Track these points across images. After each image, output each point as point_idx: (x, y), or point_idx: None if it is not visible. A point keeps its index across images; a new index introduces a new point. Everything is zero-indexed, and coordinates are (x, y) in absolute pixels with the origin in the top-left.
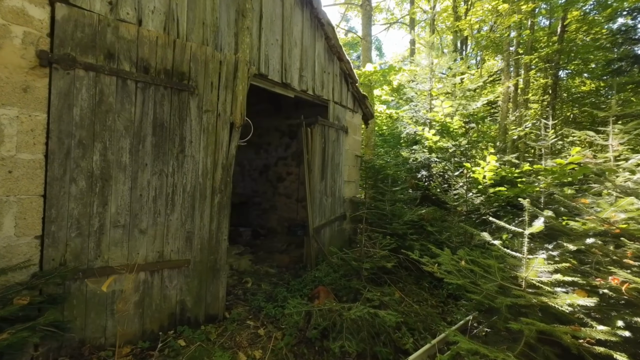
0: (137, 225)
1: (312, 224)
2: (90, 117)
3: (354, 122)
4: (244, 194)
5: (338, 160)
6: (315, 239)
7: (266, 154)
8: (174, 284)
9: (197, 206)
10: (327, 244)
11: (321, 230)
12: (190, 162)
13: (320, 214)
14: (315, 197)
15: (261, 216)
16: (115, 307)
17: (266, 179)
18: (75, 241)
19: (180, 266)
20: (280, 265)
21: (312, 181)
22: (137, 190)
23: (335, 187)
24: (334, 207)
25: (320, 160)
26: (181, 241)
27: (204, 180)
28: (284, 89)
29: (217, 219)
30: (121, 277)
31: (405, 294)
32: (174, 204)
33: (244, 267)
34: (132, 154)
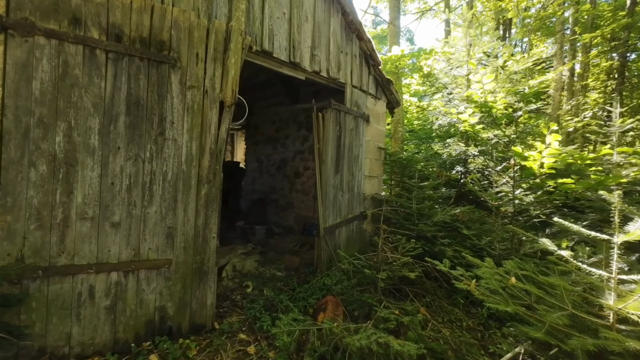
0: (109, 218)
1: (323, 223)
2: (53, 92)
3: (376, 109)
4: (262, 191)
5: (357, 151)
6: (326, 240)
7: (283, 148)
8: (152, 288)
9: (180, 198)
10: (344, 246)
11: (335, 230)
12: (172, 147)
13: (334, 211)
14: (328, 191)
15: (278, 214)
16: (82, 312)
17: (283, 175)
18: (35, 234)
19: (159, 267)
20: (290, 267)
21: (324, 174)
22: (108, 177)
23: (353, 182)
24: (352, 205)
25: (334, 150)
26: (161, 238)
27: (189, 168)
28: (292, 70)
29: (203, 214)
30: (89, 277)
31: (433, 312)
32: (152, 194)
33: (248, 268)
34: (102, 136)
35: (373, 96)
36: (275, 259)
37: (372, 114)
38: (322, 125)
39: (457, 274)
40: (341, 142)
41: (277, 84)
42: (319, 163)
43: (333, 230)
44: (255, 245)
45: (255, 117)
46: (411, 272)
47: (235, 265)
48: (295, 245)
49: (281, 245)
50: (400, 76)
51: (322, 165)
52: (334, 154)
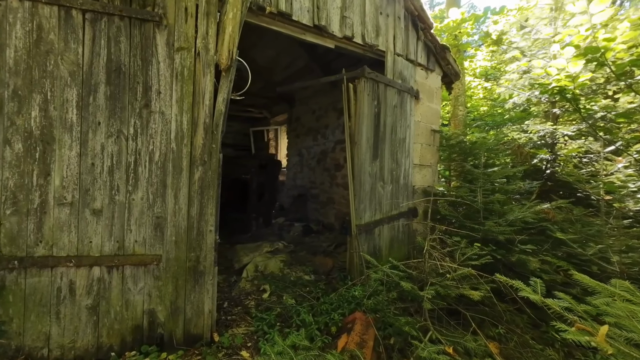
0: (89, 205)
1: (355, 219)
2: (27, 61)
3: (428, 84)
4: (302, 186)
5: (403, 134)
6: (359, 240)
7: (323, 138)
8: (139, 287)
9: (170, 182)
10: (386, 249)
11: (374, 229)
12: (159, 121)
13: (372, 206)
14: (363, 181)
15: (318, 210)
16: (62, 310)
17: (323, 168)
18: (11, 220)
19: (147, 263)
20: (320, 270)
21: (357, 158)
22: (87, 157)
23: (398, 171)
24: (397, 199)
25: (370, 130)
26: (148, 229)
27: (179, 147)
28: (318, 36)
29: (198, 202)
30: (69, 271)
31: (509, 352)
32: (137, 177)
33: (271, 269)
34: (81, 109)
35: (423, 67)
36: (306, 259)
37: (422, 89)
38: (353, 98)
39: (560, 306)
40: (380, 121)
41: (316, 69)
42: (350, 145)
43: (371, 229)
44: (287, 244)
45: (297, 109)
46: (474, 290)
47: (258, 265)
48: (330, 245)
49: (315, 244)
50: (460, 49)
51: (355, 148)
52: (370, 135)
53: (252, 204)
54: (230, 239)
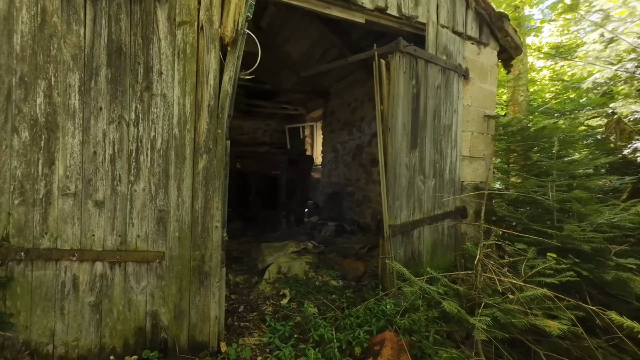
0: (91, 196)
1: (388, 218)
2: (32, 46)
3: (480, 60)
4: (337, 183)
5: (448, 120)
6: (391, 243)
7: (359, 132)
8: (141, 287)
9: (173, 172)
10: (426, 254)
11: (412, 230)
12: (161, 105)
13: (410, 203)
14: (399, 174)
15: (354, 209)
16: (66, 305)
17: (359, 164)
18: (19, 210)
19: (150, 260)
20: (350, 275)
21: (392, 148)
22: (89, 145)
23: (442, 163)
24: (441, 196)
25: (408, 113)
26: (151, 223)
27: (182, 133)
28: (345, 10)
29: (202, 194)
30: (72, 265)
31: None
32: (138, 167)
33: (295, 271)
34: (83, 95)
35: (474, 41)
36: (334, 262)
37: (472, 67)
38: (386, 77)
39: None
40: (420, 105)
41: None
42: (381, 131)
43: (408, 231)
44: (317, 244)
45: (332, 102)
46: (552, 319)
47: (281, 266)
48: (363, 247)
49: (346, 245)
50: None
51: (388, 135)
52: (407, 121)
53: (283, 201)
54: (260, 237)
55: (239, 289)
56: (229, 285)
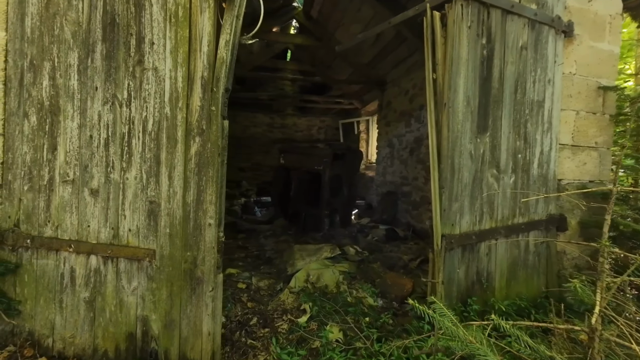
0: (87, 183)
1: (441, 225)
2: (40, 28)
3: (593, 10)
4: (392, 182)
5: (539, 94)
6: (445, 259)
7: (417, 122)
8: (132, 287)
9: (164, 158)
10: (500, 278)
11: (478, 244)
12: (152, 80)
13: (475, 206)
14: (459, 165)
15: (410, 212)
16: (64, 299)
17: (417, 160)
18: (28, 196)
19: (140, 258)
20: (393, 294)
21: (449, 130)
22: (86, 129)
23: (528, 153)
24: (525, 198)
25: (473, 84)
26: (142, 216)
27: (173, 112)
28: None
29: (194, 185)
30: (70, 256)
31: None
32: (130, 152)
33: (326, 281)
34: (81, 74)
35: None
36: (376, 275)
37: (580, 20)
38: (441, 35)
39: None
40: (493, 72)
41: (410, 36)
42: (433, 107)
43: (472, 244)
44: (361, 249)
45: (389, 92)
46: None
47: (310, 274)
48: (415, 258)
49: (394, 255)
50: None
51: (443, 113)
52: (473, 93)
53: (326, 199)
54: (300, 237)
55: (258, 296)
56: (249, 291)
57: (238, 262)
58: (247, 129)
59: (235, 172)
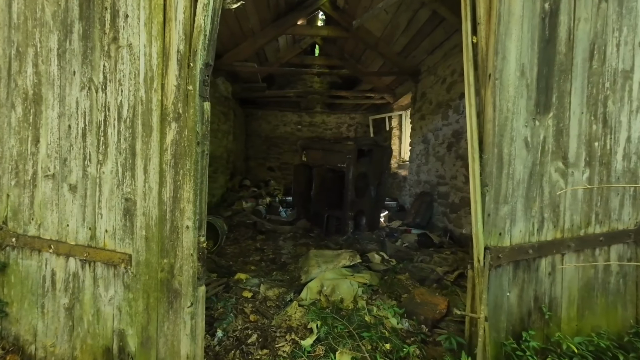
0: (66, 178)
1: (484, 234)
2: (24, 12)
3: None
4: (427, 182)
5: (625, 62)
6: (489, 278)
7: (456, 113)
8: (109, 295)
9: (140, 148)
10: (570, 306)
11: (536, 260)
12: (127, 59)
13: (531, 211)
14: (509, 156)
15: (447, 215)
16: (46, 303)
17: (456, 156)
18: (14, 192)
19: (117, 263)
20: (422, 315)
21: (494, 109)
22: (65, 118)
23: (610, 141)
24: (604, 202)
25: (530, 48)
26: (117, 215)
27: (148, 94)
28: None
29: (171, 180)
30: (51, 258)
31: None
32: (106, 143)
33: (342, 294)
34: (60, 58)
35: None
36: (403, 289)
37: None
38: None
39: None
40: (558, 31)
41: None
42: (472, 80)
43: (529, 260)
44: (388, 257)
45: (423, 82)
46: None
47: (324, 285)
48: (451, 271)
49: (427, 266)
50: None
51: (487, 88)
52: (530, 60)
53: (351, 199)
54: (322, 240)
55: (264, 308)
56: (255, 301)
57: (251, 267)
58: (276, 128)
59: (264, 172)
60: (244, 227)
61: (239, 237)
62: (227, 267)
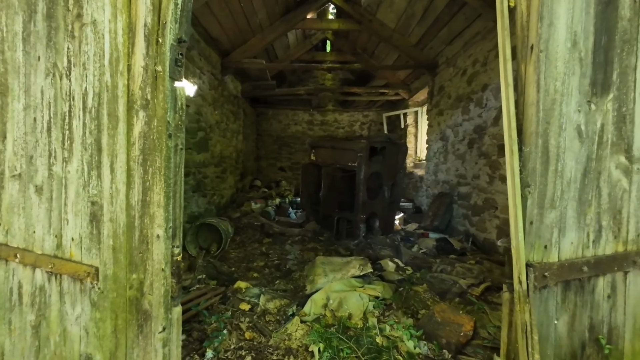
0: (33, 178)
1: (526, 247)
2: None
3: None
4: (445, 182)
5: None
6: (531, 304)
7: (479, 107)
8: (76, 314)
9: (106, 143)
10: (636, 337)
11: (591, 279)
12: (91, 38)
13: (585, 218)
14: (558, 149)
15: (469, 218)
16: (13, 319)
17: (478, 153)
18: None
19: (82, 277)
20: (444, 338)
21: (538, 90)
22: (31, 110)
23: None
24: None
25: (584, 13)
26: (84, 222)
27: (114, 78)
28: None
29: (139, 179)
30: (18, 268)
31: None
32: (72, 137)
33: (350, 309)
34: (25, 42)
35: None
36: (421, 304)
37: None
38: None
39: None
40: None
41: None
42: (508, 53)
43: (582, 279)
44: (403, 264)
45: (441, 75)
46: None
47: (330, 298)
48: (477, 283)
49: (448, 276)
50: None
51: (528, 63)
52: (583, 28)
53: (363, 201)
54: (332, 244)
55: (262, 323)
56: (253, 314)
57: (253, 273)
58: (287, 128)
59: (275, 172)
60: (251, 229)
61: (245, 240)
62: (229, 274)
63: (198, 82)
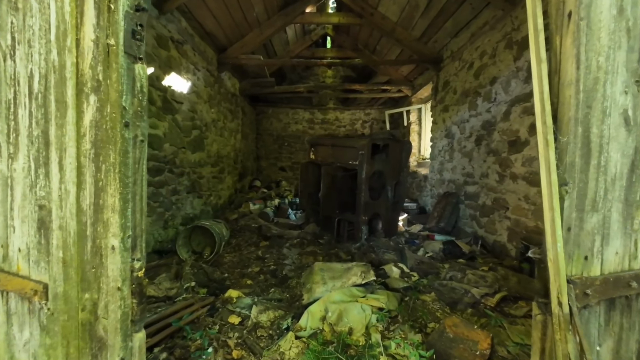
0: None
1: (565, 260)
2: None
3: None
4: (451, 181)
5: None
6: (577, 325)
7: (487, 101)
8: (24, 338)
9: (54, 135)
10: None
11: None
12: (36, 9)
13: (632, 222)
14: (601, 139)
15: (477, 219)
16: None
17: (487, 150)
18: None
19: (30, 296)
20: (457, 356)
21: (577, 67)
22: None
23: None
24: None
25: None
26: (32, 228)
27: (61, 56)
28: None
29: (90, 178)
30: None
31: None
32: (17, 128)
33: (351, 322)
34: None
35: None
36: (429, 316)
37: None
38: None
39: None
40: None
41: None
42: (540, 23)
43: (630, 298)
44: (408, 270)
45: (446, 69)
46: None
47: (328, 310)
48: (491, 292)
49: (457, 283)
50: None
51: (567, 33)
52: None
53: (365, 201)
54: (332, 248)
55: (252, 339)
56: (243, 328)
57: (247, 280)
58: (288, 127)
59: (276, 172)
60: (248, 231)
61: (241, 243)
62: (220, 282)
63: (192, 78)
